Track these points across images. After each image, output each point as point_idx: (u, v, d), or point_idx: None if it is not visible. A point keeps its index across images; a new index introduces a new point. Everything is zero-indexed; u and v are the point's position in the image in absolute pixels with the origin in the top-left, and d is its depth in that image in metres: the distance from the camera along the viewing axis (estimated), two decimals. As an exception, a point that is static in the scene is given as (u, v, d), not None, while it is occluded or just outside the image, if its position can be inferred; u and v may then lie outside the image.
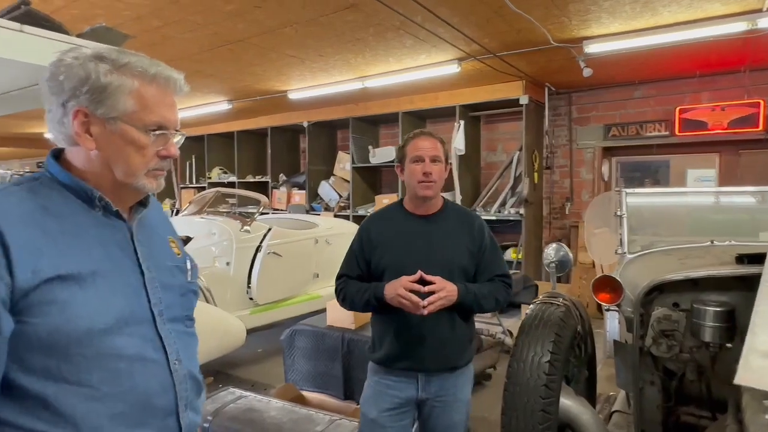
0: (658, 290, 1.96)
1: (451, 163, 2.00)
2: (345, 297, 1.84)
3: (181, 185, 9.39)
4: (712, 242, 2.48)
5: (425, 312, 1.62)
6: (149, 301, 0.98)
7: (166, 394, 0.98)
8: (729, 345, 1.78)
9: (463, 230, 1.84)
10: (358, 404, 3.04)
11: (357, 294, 1.79)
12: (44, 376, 0.86)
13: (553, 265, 2.57)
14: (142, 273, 0.99)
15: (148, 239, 1.04)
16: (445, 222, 1.84)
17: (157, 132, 0.96)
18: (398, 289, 1.65)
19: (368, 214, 6.77)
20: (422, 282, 1.66)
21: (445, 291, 1.65)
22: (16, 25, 1.42)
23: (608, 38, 4.16)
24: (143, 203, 1.05)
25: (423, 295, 1.63)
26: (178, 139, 1.01)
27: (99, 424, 0.89)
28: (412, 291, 1.64)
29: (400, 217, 1.87)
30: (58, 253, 0.87)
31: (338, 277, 1.91)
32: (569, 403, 1.97)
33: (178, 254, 1.13)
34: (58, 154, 0.98)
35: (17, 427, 0.85)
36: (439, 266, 1.73)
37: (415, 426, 1.91)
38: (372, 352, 1.88)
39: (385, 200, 6.65)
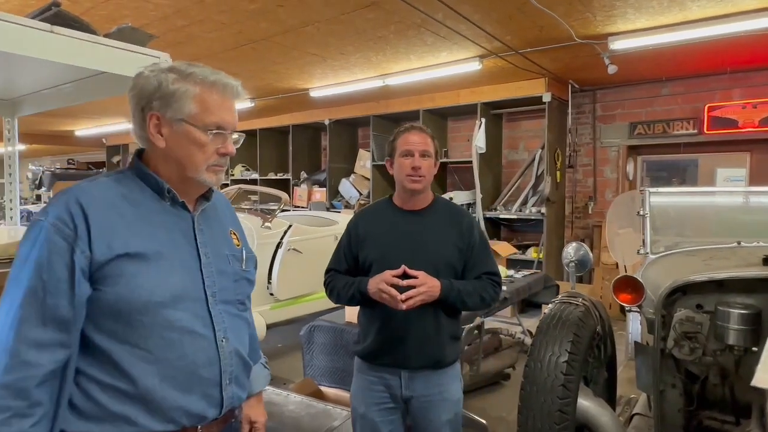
0: (681, 291, 1.92)
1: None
2: (332, 290, 1.84)
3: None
4: (738, 243, 2.41)
5: (404, 306, 1.61)
6: (204, 283, 1.11)
7: (211, 367, 1.10)
8: (754, 348, 1.73)
9: (452, 226, 1.82)
10: (375, 400, 3.06)
11: (343, 288, 1.79)
12: (111, 337, 1.01)
13: (573, 264, 2.54)
14: (200, 258, 1.12)
15: (209, 229, 1.18)
16: (434, 217, 1.83)
17: (216, 132, 1.08)
18: (380, 283, 1.65)
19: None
20: (405, 277, 1.65)
21: (426, 286, 1.63)
22: (46, 26, 1.47)
23: (634, 34, 4.07)
24: (207, 197, 1.19)
25: (404, 290, 1.62)
26: (236, 138, 1.15)
27: (152, 383, 1.02)
28: (393, 285, 1.63)
29: (388, 212, 1.87)
30: (130, 234, 1.03)
31: (327, 272, 1.91)
32: (587, 404, 1.95)
33: (238, 245, 1.26)
34: (141, 153, 1.15)
35: (90, 378, 1.01)
36: (426, 262, 1.71)
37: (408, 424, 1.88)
38: (357, 345, 1.87)
39: (405, 198, 6.64)
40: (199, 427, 1.10)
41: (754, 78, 5.10)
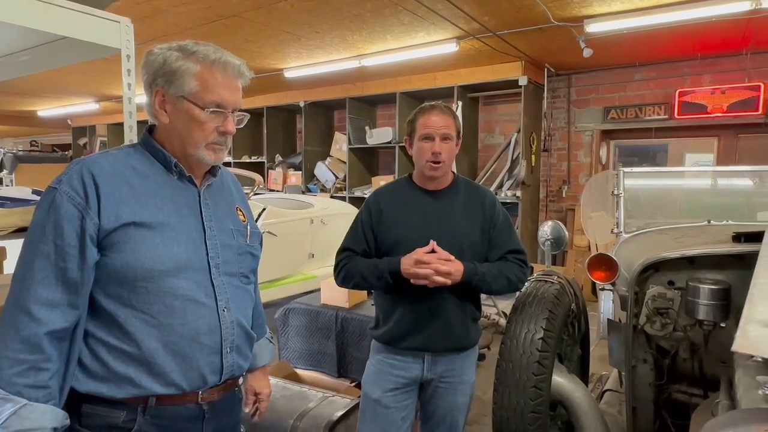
0: (654, 269, 1.95)
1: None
2: (348, 273, 1.74)
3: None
4: (708, 222, 2.46)
5: (447, 281, 1.58)
6: (207, 254, 1.15)
7: (212, 335, 1.14)
8: (723, 325, 1.77)
9: (475, 206, 1.76)
10: (351, 382, 3.05)
11: (367, 269, 1.69)
12: (118, 301, 1.07)
13: (549, 242, 2.55)
14: (204, 231, 1.17)
15: (214, 204, 1.22)
16: (456, 197, 1.77)
17: (214, 110, 1.11)
18: (415, 261, 1.58)
19: (365, 196, 6.77)
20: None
21: (449, 265, 1.59)
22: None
23: (610, 17, 4.09)
24: (213, 173, 1.23)
25: None
26: (239, 117, 1.18)
27: (155, 347, 1.08)
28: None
29: (409, 192, 1.79)
30: (138, 205, 1.08)
31: (340, 251, 1.80)
32: (562, 380, 1.97)
33: (243, 221, 1.30)
34: (152, 129, 1.19)
35: (97, 339, 1.07)
36: (449, 243, 1.65)
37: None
38: (376, 329, 1.80)
39: (381, 181, 6.61)
40: (200, 392, 1.14)
41: (724, 64, 5.21)
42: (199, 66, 1.10)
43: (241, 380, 1.30)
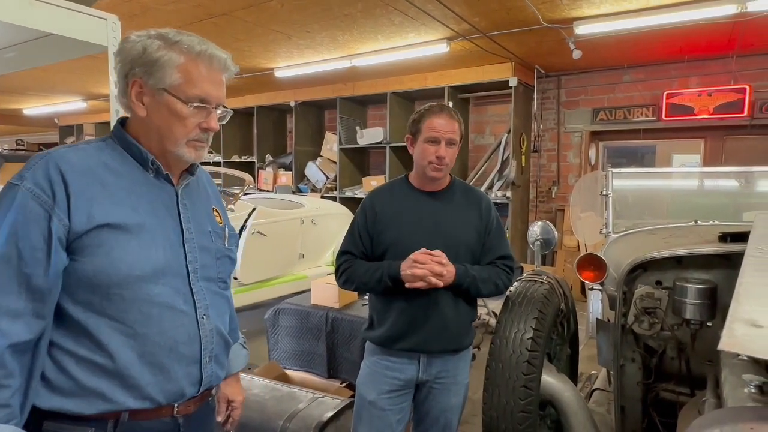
0: (642, 268, 1.96)
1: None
2: (349, 277, 1.74)
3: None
4: (695, 222, 2.49)
5: (441, 283, 1.60)
6: (186, 259, 1.08)
7: (191, 344, 1.08)
8: (709, 324, 1.79)
9: (471, 208, 1.77)
10: (342, 382, 3.04)
11: (367, 273, 1.69)
12: (88, 309, 0.98)
13: (538, 243, 2.57)
14: (183, 233, 1.09)
15: (192, 204, 1.15)
16: (453, 199, 1.77)
17: (198, 105, 1.04)
18: (413, 265, 1.60)
19: (356, 196, 6.75)
20: None
21: (442, 267, 1.60)
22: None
23: (599, 19, 4.13)
24: (191, 171, 1.16)
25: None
26: (222, 114, 1.11)
27: (131, 358, 1.00)
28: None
29: (405, 193, 1.78)
30: (112, 204, 0.99)
31: (340, 254, 1.80)
32: (551, 380, 1.98)
33: (220, 223, 1.23)
34: (124, 122, 1.10)
35: (65, 350, 0.98)
36: (445, 245, 1.66)
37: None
38: (370, 331, 1.80)
39: (372, 182, 6.61)
40: (175, 405, 1.07)
41: (710, 66, 5.28)
42: (183, 57, 1.02)
43: (215, 389, 1.22)
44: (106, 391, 0.99)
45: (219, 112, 1.10)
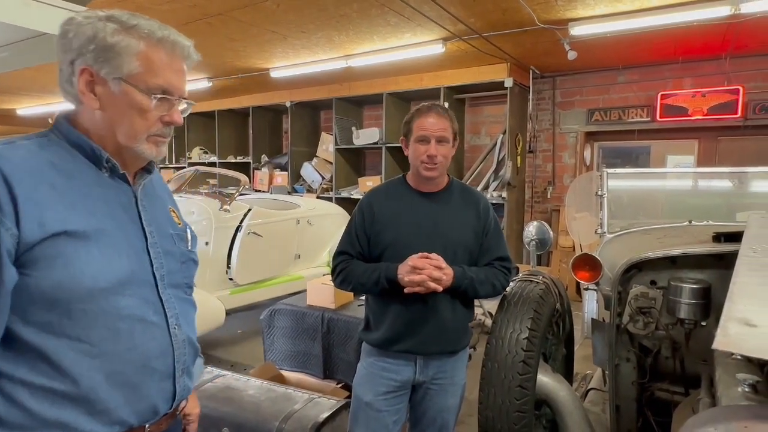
0: (637, 268, 1.97)
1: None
2: (346, 277, 1.74)
3: (160, 165, 9.21)
4: (690, 222, 2.50)
5: (440, 288, 1.59)
6: (152, 265, 1.00)
7: (164, 358, 1.00)
8: (703, 323, 1.80)
9: (469, 209, 1.77)
10: (337, 383, 3.04)
11: (364, 275, 1.69)
12: (45, 330, 0.86)
13: (534, 243, 2.57)
14: (146, 237, 1.00)
15: (151, 205, 1.05)
16: (450, 200, 1.77)
17: (161, 96, 0.95)
18: (411, 269, 1.59)
19: (351, 196, 6.74)
20: None
21: (440, 272, 1.60)
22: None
23: (593, 20, 4.14)
24: (148, 170, 1.06)
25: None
26: (184, 107, 1.01)
27: (97, 381, 0.90)
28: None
29: (402, 193, 1.78)
30: (66, 209, 0.87)
31: (337, 254, 1.79)
32: (546, 379, 1.98)
33: (179, 223, 1.15)
34: (69, 114, 0.98)
35: (16, 380, 0.86)
36: (443, 246, 1.66)
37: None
38: (366, 332, 1.80)
39: (368, 182, 6.61)
40: (146, 425, 0.99)
41: (704, 67, 5.30)
42: (142, 43, 0.92)
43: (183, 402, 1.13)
44: (69, 420, 0.88)
45: (183, 105, 1.01)
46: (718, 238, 1.86)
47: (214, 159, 8.27)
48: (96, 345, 0.90)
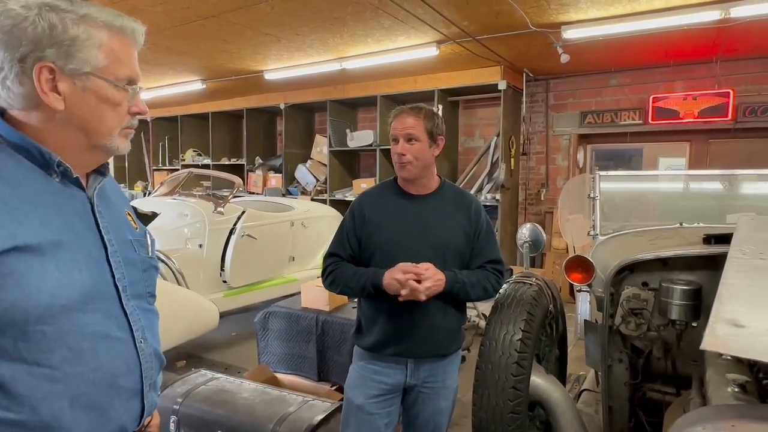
0: (629, 270, 1.99)
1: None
2: (335, 279, 1.74)
3: (154, 167, 9.17)
4: (681, 224, 2.53)
5: (424, 297, 1.58)
6: (113, 276, 0.92)
7: (131, 375, 0.94)
8: (694, 324, 1.82)
9: (460, 212, 1.77)
10: (332, 385, 3.03)
11: (352, 278, 1.69)
12: None
13: (527, 244, 2.59)
14: (105, 246, 0.92)
15: (107, 211, 0.97)
16: (441, 202, 1.77)
17: (129, 87, 0.90)
18: (397, 276, 1.59)
19: (346, 198, 6.75)
20: None
21: (431, 280, 1.60)
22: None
23: (586, 24, 4.18)
24: (102, 172, 0.97)
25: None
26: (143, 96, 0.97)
27: (59, 407, 0.83)
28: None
29: (394, 196, 1.79)
30: (14, 222, 0.78)
31: (327, 256, 1.80)
32: (540, 381, 1.99)
33: (136, 228, 1.06)
34: (2, 114, 0.87)
35: None
36: (433, 248, 1.67)
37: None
38: (358, 336, 1.80)
39: (363, 184, 6.62)
40: None
41: (695, 71, 5.36)
42: (104, 33, 0.85)
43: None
44: None
45: (143, 94, 0.97)
46: (709, 240, 1.89)
47: (207, 161, 8.24)
48: (57, 368, 0.82)
